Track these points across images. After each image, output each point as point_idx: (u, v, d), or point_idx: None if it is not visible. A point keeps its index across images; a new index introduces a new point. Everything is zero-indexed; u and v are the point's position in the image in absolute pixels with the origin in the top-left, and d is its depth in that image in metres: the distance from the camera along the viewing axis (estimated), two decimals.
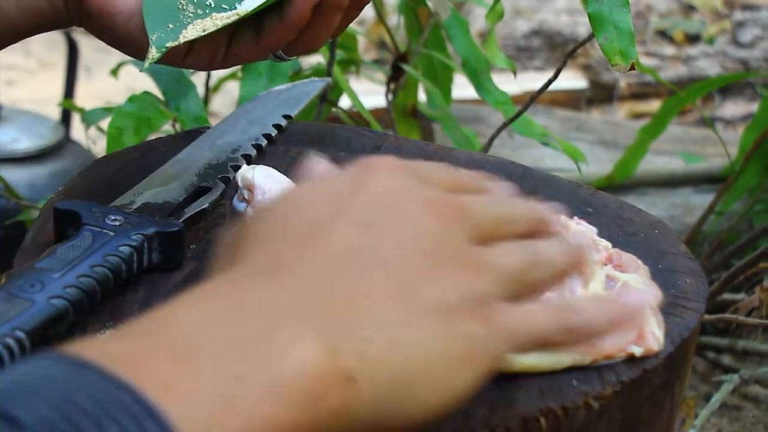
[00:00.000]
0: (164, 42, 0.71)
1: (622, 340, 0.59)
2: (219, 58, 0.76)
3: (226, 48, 0.75)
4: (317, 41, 0.76)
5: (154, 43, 0.71)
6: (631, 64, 0.96)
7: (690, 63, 3.01)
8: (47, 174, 1.77)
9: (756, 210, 1.66)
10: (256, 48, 0.75)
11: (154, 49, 0.71)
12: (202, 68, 0.77)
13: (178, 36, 0.71)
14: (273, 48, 0.75)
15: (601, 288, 0.62)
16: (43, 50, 3.19)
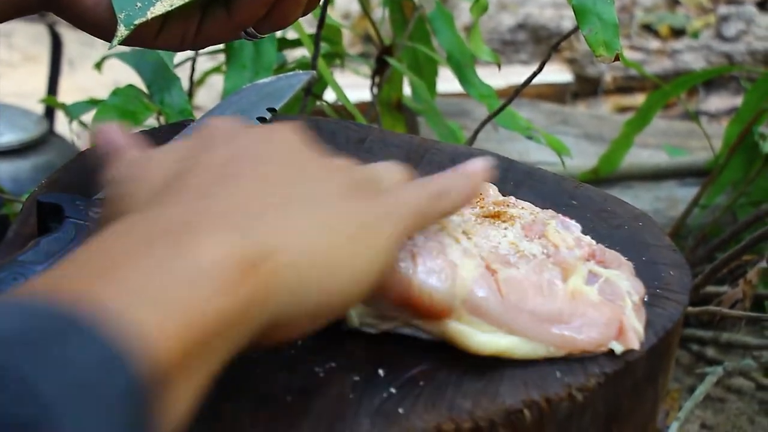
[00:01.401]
0: (132, 19, 0.71)
1: (601, 335, 0.60)
2: (191, 37, 0.76)
3: (198, 26, 0.75)
4: (288, 17, 0.76)
5: (122, 21, 0.70)
6: (615, 56, 0.97)
7: (675, 57, 3.01)
8: (31, 167, 1.76)
9: (740, 203, 1.67)
10: (228, 25, 0.75)
11: (123, 27, 0.70)
12: (175, 48, 0.77)
13: (146, 13, 0.71)
14: (244, 23, 0.75)
15: (582, 283, 0.62)
16: (27, 43, 3.17)
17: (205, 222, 0.47)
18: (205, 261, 0.45)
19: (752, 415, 1.48)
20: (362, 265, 0.52)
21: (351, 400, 0.55)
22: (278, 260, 0.48)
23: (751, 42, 2.99)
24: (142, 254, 0.44)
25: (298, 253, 0.49)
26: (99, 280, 0.42)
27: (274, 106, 0.88)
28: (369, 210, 0.54)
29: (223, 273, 0.45)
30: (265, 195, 0.51)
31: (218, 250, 0.45)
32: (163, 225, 0.47)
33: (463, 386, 0.57)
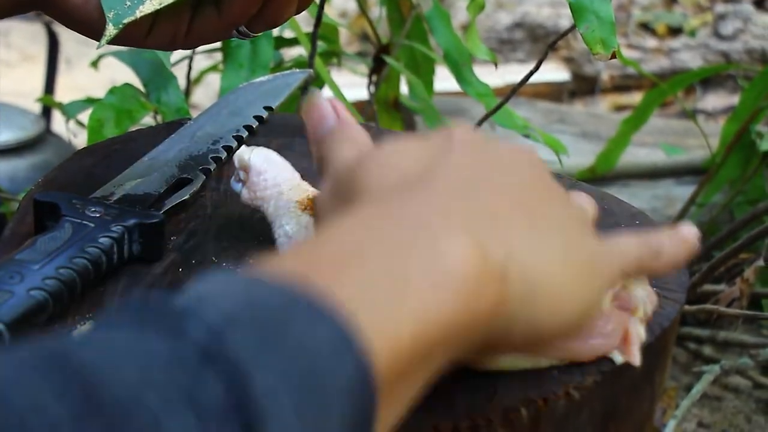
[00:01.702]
0: (121, 18, 0.70)
1: (605, 347, 0.59)
2: (181, 36, 0.75)
3: (189, 25, 0.75)
4: (280, 15, 0.75)
5: (111, 20, 0.70)
6: (612, 53, 0.97)
7: (672, 55, 3.01)
8: (28, 166, 1.76)
9: (737, 201, 1.67)
10: (219, 23, 0.74)
11: (111, 26, 0.70)
12: (166, 47, 0.77)
13: (135, 12, 0.70)
14: (236, 22, 0.74)
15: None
16: (24, 42, 3.17)
17: (452, 221, 0.46)
18: (448, 264, 0.43)
19: (749, 413, 1.49)
20: (586, 298, 0.52)
21: None
22: (512, 277, 0.47)
23: (748, 40, 2.99)
24: (384, 249, 0.43)
25: (529, 272, 0.48)
26: (335, 272, 0.41)
27: (271, 105, 0.88)
28: (598, 248, 0.54)
29: (466, 281, 0.43)
30: (509, 207, 0.50)
31: (463, 253, 0.44)
32: (410, 219, 0.45)
33: (461, 385, 0.57)
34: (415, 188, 0.49)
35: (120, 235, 0.66)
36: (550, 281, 0.49)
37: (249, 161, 0.69)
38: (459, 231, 0.45)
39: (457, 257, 0.44)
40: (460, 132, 0.54)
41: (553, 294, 0.49)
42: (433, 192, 0.48)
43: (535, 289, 0.48)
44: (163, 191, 0.75)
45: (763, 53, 2.95)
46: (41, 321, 0.59)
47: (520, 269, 0.47)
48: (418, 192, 0.48)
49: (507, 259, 0.46)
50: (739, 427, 1.45)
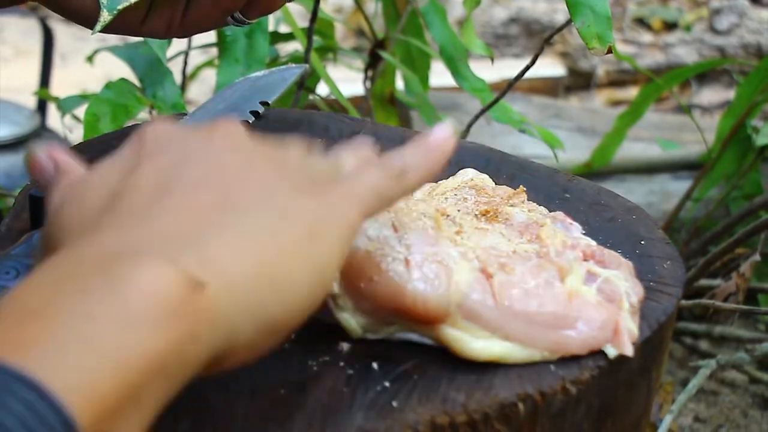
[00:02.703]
0: (116, 4, 0.70)
1: (596, 339, 0.59)
2: (177, 23, 0.75)
3: (184, 12, 0.75)
4: (274, 1, 0.75)
5: (105, 6, 0.70)
6: (608, 48, 0.97)
7: (667, 50, 3.01)
8: (23, 162, 1.76)
9: (733, 196, 1.67)
10: (214, 9, 0.74)
11: (106, 12, 0.70)
12: (161, 35, 0.76)
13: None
14: (230, 8, 0.74)
15: (580, 283, 0.61)
16: (19, 38, 3.16)
17: (134, 253, 0.44)
18: (134, 301, 0.41)
19: (745, 408, 1.49)
20: (313, 268, 0.49)
21: (345, 394, 0.55)
22: (219, 283, 0.45)
23: (743, 35, 2.99)
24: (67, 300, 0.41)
25: (235, 274, 0.46)
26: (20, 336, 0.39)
27: (266, 100, 0.88)
28: (320, 203, 0.51)
29: (155, 312, 0.42)
30: (201, 210, 0.47)
31: (148, 286, 0.42)
32: (90, 259, 0.44)
33: (457, 379, 0.57)
34: (100, 222, 0.47)
35: None
36: (264, 269, 0.47)
37: None
38: (142, 259, 0.43)
39: (137, 293, 0.42)
40: (147, 133, 0.52)
41: (266, 286, 0.47)
42: (116, 221, 0.47)
43: (248, 286, 0.46)
44: None
45: (759, 48, 2.95)
46: None
47: (222, 272, 0.45)
48: (103, 226, 0.47)
49: (203, 271, 0.44)
50: (736, 422, 1.46)
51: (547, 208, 0.73)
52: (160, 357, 0.41)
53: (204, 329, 0.44)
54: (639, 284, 0.64)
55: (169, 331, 0.42)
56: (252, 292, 0.46)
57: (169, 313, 0.42)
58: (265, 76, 0.92)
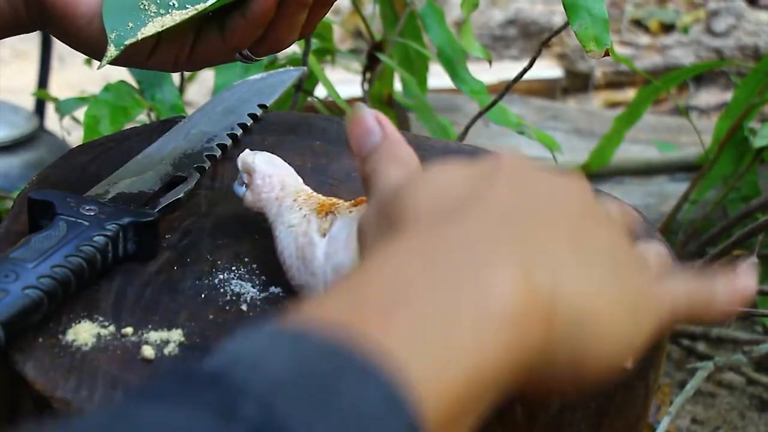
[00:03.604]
0: (123, 40, 0.70)
1: None
2: (184, 59, 0.74)
3: (191, 48, 0.74)
4: (283, 40, 0.75)
5: (112, 42, 0.70)
6: (605, 51, 0.97)
7: (665, 52, 3.02)
8: (21, 164, 1.76)
9: (730, 198, 1.67)
10: (222, 47, 0.74)
11: (113, 47, 0.70)
12: (167, 69, 0.76)
13: (137, 33, 0.70)
14: (238, 46, 0.74)
15: None
16: (16, 40, 3.16)
17: (499, 250, 0.45)
18: (498, 301, 0.42)
19: (743, 409, 1.49)
20: (631, 335, 0.49)
21: None
22: (565, 305, 0.45)
23: (740, 37, 3.00)
24: (431, 287, 0.42)
25: (585, 302, 0.46)
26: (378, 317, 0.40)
27: (265, 103, 0.88)
28: (648, 287, 0.51)
29: (515, 317, 0.42)
30: (558, 235, 0.48)
31: (512, 287, 0.43)
32: (457, 249, 0.44)
33: None
34: (461, 215, 0.47)
35: (115, 233, 0.66)
36: (597, 316, 0.47)
37: (253, 164, 0.69)
38: (506, 260, 0.44)
39: (506, 292, 0.43)
40: (508, 159, 0.53)
41: (600, 329, 0.47)
42: (479, 219, 0.47)
43: (581, 323, 0.46)
44: (157, 189, 0.75)
45: (756, 50, 2.96)
46: (36, 320, 0.59)
47: (567, 302, 0.46)
48: (464, 219, 0.47)
49: (554, 290, 0.45)
50: (733, 424, 1.46)
51: None
52: (504, 364, 0.42)
53: (542, 346, 0.44)
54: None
55: (517, 342, 0.42)
56: (583, 322, 0.46)
57: (524, 322, 0.43)
58: (264, 78, 0.92)
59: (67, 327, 0.61)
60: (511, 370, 0.42)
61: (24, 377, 0.57)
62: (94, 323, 0.62)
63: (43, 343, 0.59)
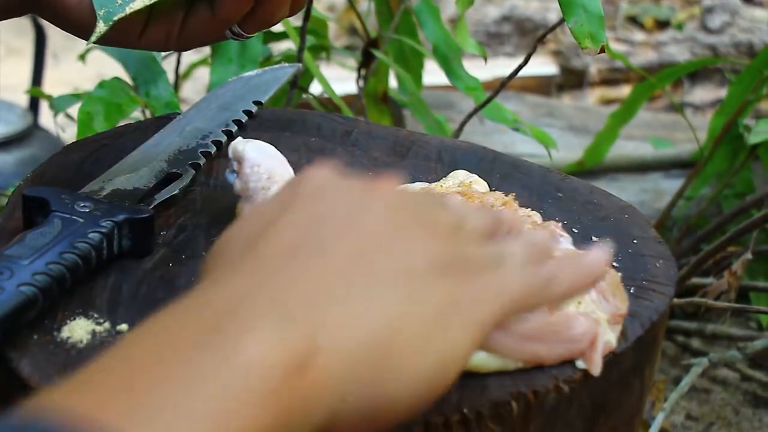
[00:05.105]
0: (112, 16, 0.70)
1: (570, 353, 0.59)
2: (174, 36, 0.75)
3: (182, 25, 0.75)
4: (273, 14, 0.75)
5: (101, 18, 0.70)
6: (600, 47, 0.97)
7: (660, 49, 3.02)
8: (15, 161, 1.76)
9: (725, 195, 1.67)
10: (212, 23, 0.74)
11: (102, 23, 0.70)
12: (159, 48, 0.77)
13: (125, 8, 0.70)
14: (229, 21, 0.74)
15: None
16: (10, 36, 3.16)
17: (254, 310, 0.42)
18: (243, 364, 0.40)
19: (737, 405, 1.49)
20: (435, 354, 0.46)
21: None
22: (330, 360, 0.43)
23: (735, 34, 3.00)
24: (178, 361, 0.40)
25: (352, 350, 0.44)
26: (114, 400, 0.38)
27: (260, 99, 0.88)
28: (463, 289, 0.48)
29: (263, 385, 0.40)
30: (336, 274, 0.46)
31: (261, 348, 0.41)
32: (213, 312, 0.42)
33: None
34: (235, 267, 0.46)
35: (110, 230, 0.66)
36: (380, 344, 0.44)
37: (243, 152, 0.69)
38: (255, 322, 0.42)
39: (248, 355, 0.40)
40: (306, 177, 0.51)
41: (389, 358, 0.45)
42: (248, 270, 0.46)
43: (360, 358, 0.44)
44: (152, 186, 0.75)
45: (751, 47, 2.96)
46: (31, 316, 0.59)
47: (330, 352, 0.43)
48: (233, 273, 0.46)
49: (311, 343, 0.42)
50: (727, 420, 1.46)
51: (540, 207, 0.74)
52: (267, 426, 0.40)
53: (306, 407, 0.42)
54: (624, 294, 0.63)
55: (275, 406, 0.40)
56: (362, 372, 0.44)
57: (276, 388, 0.40)
58: (258, 75, 0.92)
59: (62, 324, 0.61)
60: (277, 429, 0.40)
61: (19, 374, 0.57)
62: (89, 320, 0.62)
63: (38, 341, 0.59)
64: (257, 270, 0.46)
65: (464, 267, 0.49)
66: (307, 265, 0.46)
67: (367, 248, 0.47)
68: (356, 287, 0.46)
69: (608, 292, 0.62)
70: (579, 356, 0.59)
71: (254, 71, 0.93)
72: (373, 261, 0.47)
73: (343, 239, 0.47)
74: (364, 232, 0.48)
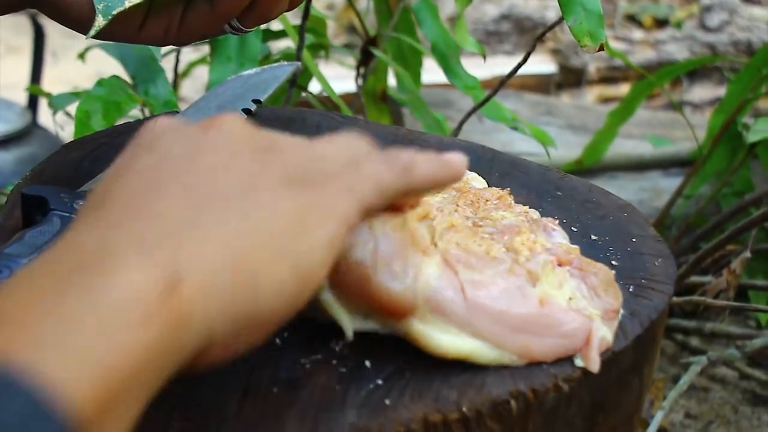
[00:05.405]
0: (111, 9, 0.70)
1: (564, 348, 0.59)
2: (174, 31, 0.75)
3: (181, 19, 0.75)
4: (272, 9, 0.75)
5: (100, 12, 0.70)
6: (599, 45, 0.97)
7: (658, 47, 3.02)
8: (14, 160, 1.75)
9: (723, 193, 1.68)
10: (211, 17, 0.74)
11: (101, 17, 0.70)
12: (158, 42, 0.77)
13: (124, 2, 0.70)
14: (227, 15, 0.75)
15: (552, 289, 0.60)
16: (9, 35, 3.15)
17: (117, 250, 0.45)
18: (117, 297, 0.42)
19: (736, 404, 1.49)
20: (294, 264, 0.48)
21: (337, 392, 0.55)
22: (194, 282, 0.45)
23: (734, 32, 3.00)
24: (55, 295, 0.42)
25: (209, 272, 0.46)
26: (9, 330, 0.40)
27: (259, 98, 0.88)
28: (311, 196, 0.50)
29: (137, 307, 0.42)
30: (184, 205, 0.48)
31: (130, 282, 0.43)
32: (77, 256, 0.45)
33: (450, 377, 0.57)
34: (96, 211, 0.48)
35: None
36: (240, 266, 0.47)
37: None
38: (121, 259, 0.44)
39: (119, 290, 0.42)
40: (146, 128, 0.53)
41: (251, 276, 0.47)
42: (106, 213, 0.47)
43: (223, 283, 0.46)
44: None
45: (749, 45, 2.96)
46: None
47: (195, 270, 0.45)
48: (96, 215, 0.48)
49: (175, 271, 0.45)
50: (726, 418, 1.46)
51: (539, 205, 0.74)
52: (140, 358, 0.42)
53: (181, 328, 0.44)
54: (618, 290, 0.63)
55: (148, 333, 0.42)
56: (227, 289, 0.46)
57: (147, 316, 0.42)
58: (257, 73, 0.92)
59: None
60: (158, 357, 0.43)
61: None
62: None
63: None
64: (110, 218, 0.47)
65: (312, 175, 0.51)
66: (154, 204, 0.48)
67: (210, 175, 0.49)
68: (204, 217, 0.47)
69: (600, 288, 0.62)
70: (574, 353, 0.59)
71: (253, 70, 0.93)
72: (213, 189, 0.49)
73: (184, 173, 0.49)
74: (205, 163, 0.50)
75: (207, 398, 0.54)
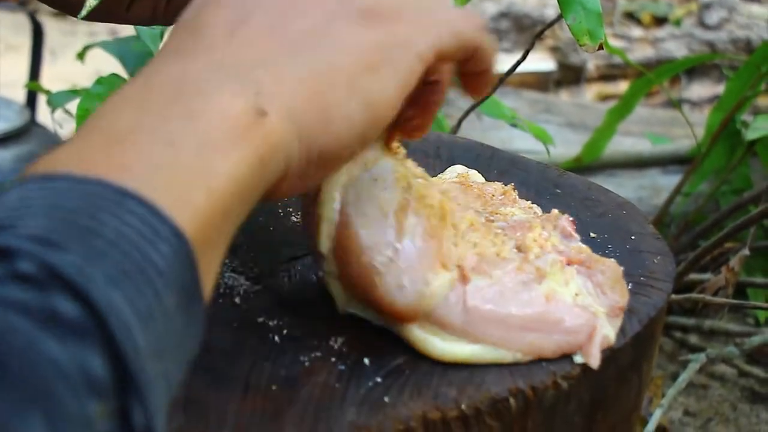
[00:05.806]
0: None
1: (569, 344, 0.59)
2: (161, 10, 0.75)
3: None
4: None
5: None
6: (599, 44, 0.97)
7: (657, 45, 3.02)
8: (13, 157, 1.75)
9: (722, 191, 1.68)
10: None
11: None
12: (146, 22, 0.77)
13: None
14: None
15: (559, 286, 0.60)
16: (8, 33, 3.15)
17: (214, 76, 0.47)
18: (213, 127, 0.44)
19: (734, 401, 1.49)
20: (365, 101, 0.50)
21: (337, 389, 0.55)
22: (278, 111, 0.47)
23: (733, 30, 3.00)
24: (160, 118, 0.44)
25: (289, 104, 0.48)
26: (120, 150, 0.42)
27: None
28: (386, 32, 0.51)
29: (231, 136, 0.44)
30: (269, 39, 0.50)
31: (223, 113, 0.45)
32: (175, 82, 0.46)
33: (449, 375, 0.57)
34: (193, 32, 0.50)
35: None
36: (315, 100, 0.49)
37: None
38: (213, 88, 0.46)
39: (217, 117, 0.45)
40: None
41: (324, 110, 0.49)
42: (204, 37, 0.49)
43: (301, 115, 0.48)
44: None
45: (748, 43, 2.96)
46: None
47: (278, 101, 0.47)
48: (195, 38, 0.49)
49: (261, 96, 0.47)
50: (725, 415, 1.46)
51: (538, 203, 0.74)
52: (239, 178, 0.44)
53: (268, 153, 0.46)
54: (625, 287, 0.63)
55: (244, 154, 0.45)
56: (304, 122, 0.48)
57: (242, 138, 0.45)
58: None
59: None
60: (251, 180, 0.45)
61: None
62: None
63: None
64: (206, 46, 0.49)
65: (389, 11, 0.52)
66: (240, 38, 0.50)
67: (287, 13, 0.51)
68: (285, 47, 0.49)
69: (606, 285, 0.62)
70: (577, 349, 0.59)
71: None
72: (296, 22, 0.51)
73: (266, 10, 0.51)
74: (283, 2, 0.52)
75: (207, 396, 0.54)
